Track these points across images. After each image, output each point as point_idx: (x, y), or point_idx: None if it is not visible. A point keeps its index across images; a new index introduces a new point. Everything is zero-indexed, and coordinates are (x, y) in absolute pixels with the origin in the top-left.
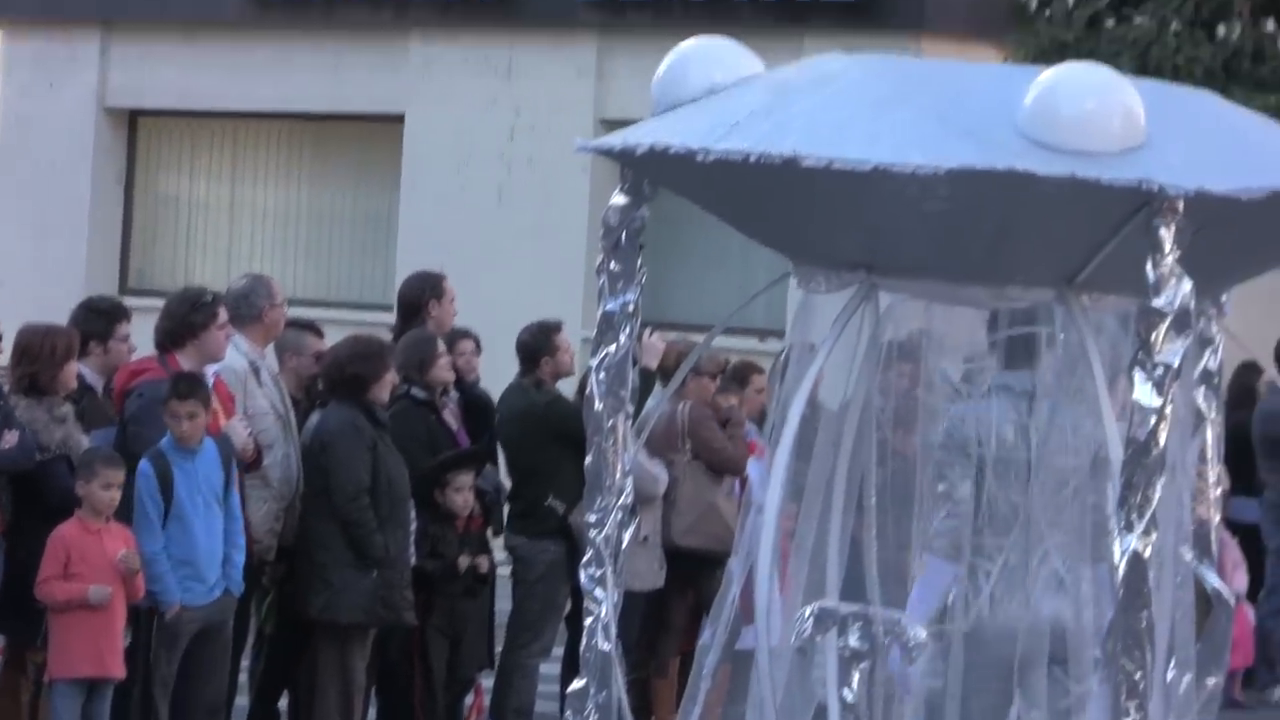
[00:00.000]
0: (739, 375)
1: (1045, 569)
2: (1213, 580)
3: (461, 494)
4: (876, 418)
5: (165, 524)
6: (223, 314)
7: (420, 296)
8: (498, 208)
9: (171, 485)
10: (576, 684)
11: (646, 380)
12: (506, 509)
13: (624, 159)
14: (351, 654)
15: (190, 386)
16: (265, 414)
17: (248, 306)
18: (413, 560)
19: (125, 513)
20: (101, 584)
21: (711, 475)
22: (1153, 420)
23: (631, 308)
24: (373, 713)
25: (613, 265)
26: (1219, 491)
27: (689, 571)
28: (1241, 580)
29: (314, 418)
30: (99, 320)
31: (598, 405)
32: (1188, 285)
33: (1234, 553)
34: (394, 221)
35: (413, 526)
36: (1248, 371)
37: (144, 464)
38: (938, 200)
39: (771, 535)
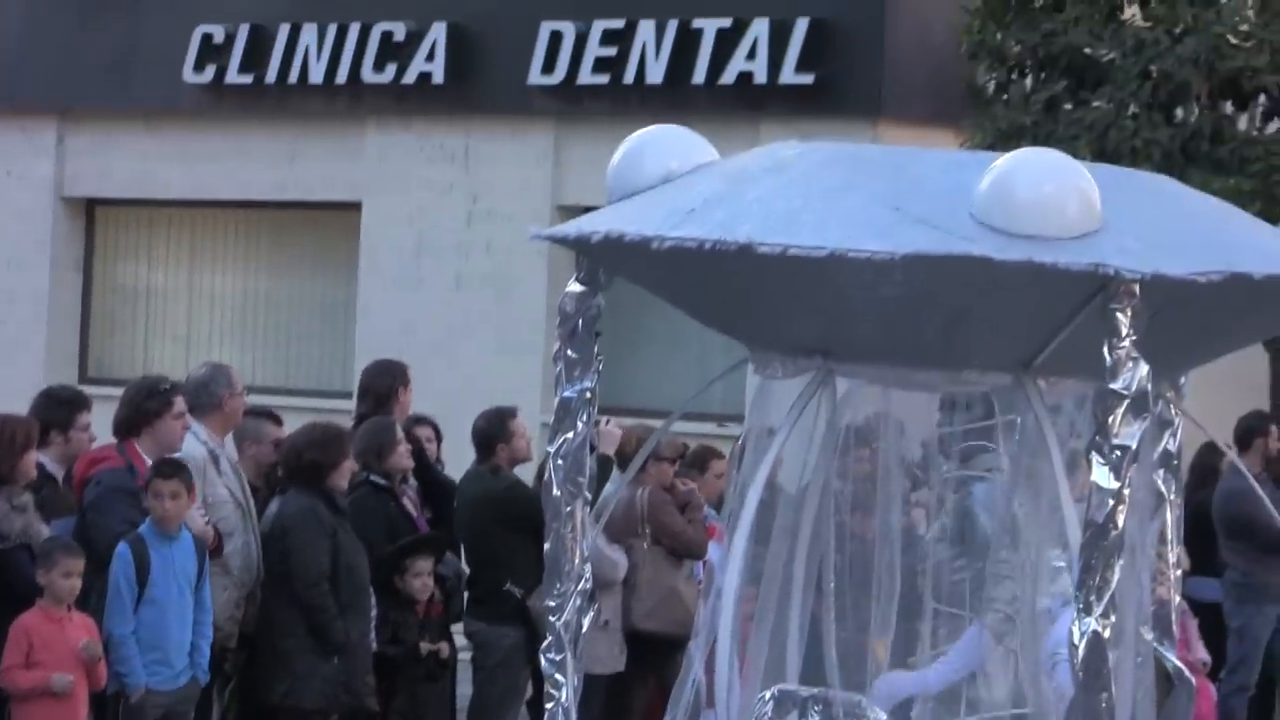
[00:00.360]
0: (698, 460)
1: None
2: (1173, 659)
3: (420, 579)
4: (835, 501)
5: (137, 608)
6: (179, 403)
7: (390, 385)
8: (455, 293)
9: (148, 569)
10: None
11: (604, 466)
12: (466, 595)
13: (579, 247)
14: None
15: (173, 467)
16: (225, 502)
17: (207, 395)
18: (374, 646)
19: (84, 600)
20: (64, 672)
21: (671, 560)
22: (1110, 502)
23: (589, 394)
24: None
25: (569, 353)
26: (1179, 572)
27: (650, 656)
28: (1202, 651)
29: (273, 505)
30: (60, 410)
31: (556, 491)
32: (1145, 368)
33: (1193, 626)
34: (352, 308)
35: (373, 613)
36: (1211, 452)
37: (122, 547)
38: (893, 286)
39: (730, 618)
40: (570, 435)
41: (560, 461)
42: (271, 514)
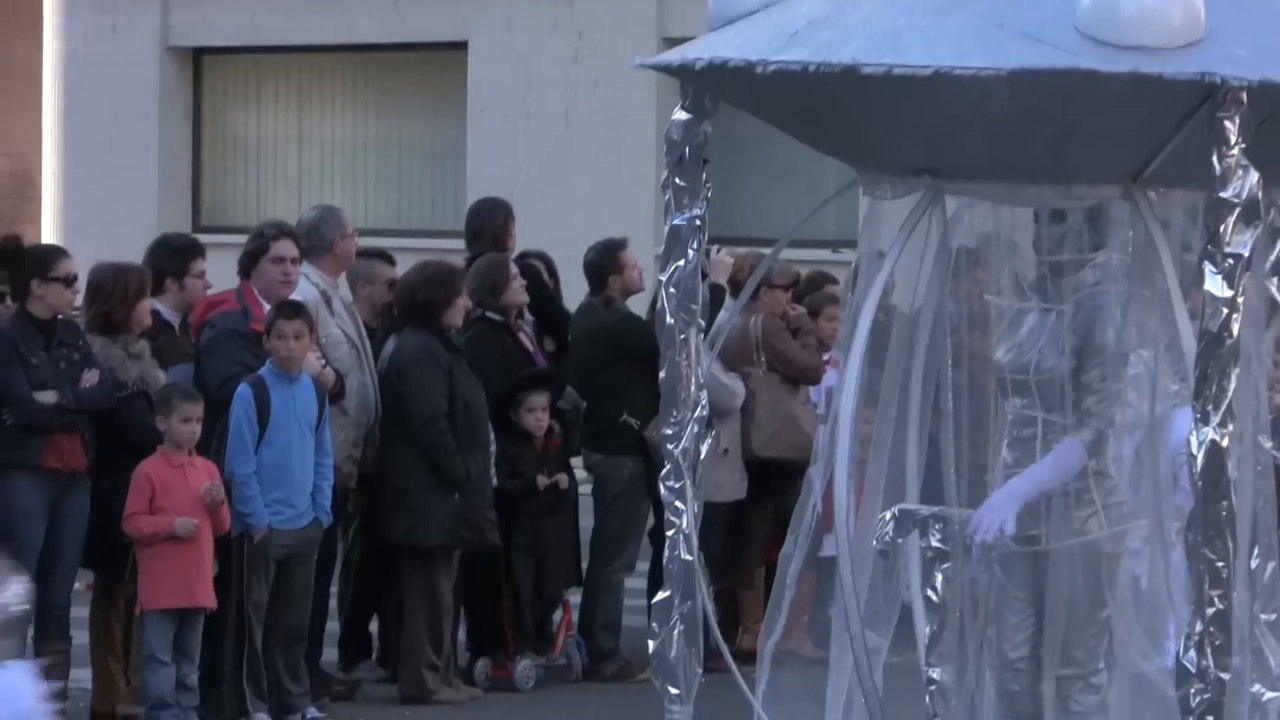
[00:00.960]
0: (813, 284)
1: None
2: None
3: (535, 414)
4: (950, 321)
5: (258, 449)
6: (276, 247)
7: (503, 221)
8: (565, 129)
9: (269, 410)
10: (661, 595)
11: (717, 296)
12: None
13: (683, 75)
14: (437, 576)
15: (295, 308)
16: (339, 343)
17: (318, 237)
18: (494, 482)
19: (204, 446)
20: (187, 517)
21: (788, 386)
22: (1224, 311)
23: (699, 221)
24: (462, 633)
25: (678, 180)
26: None
27: (770, 482)
28: None
29: (389, 345)
30: (174, 257)
31: (669, 320)
32: (1254, 176)
33: None
34: (462, 149)
35: (492, 448)
36: None
37: (243, 388)
38: (999, 102)
39: (847, 441)
40: (681, 263)
41: (672, 290)
42: (387, 354)
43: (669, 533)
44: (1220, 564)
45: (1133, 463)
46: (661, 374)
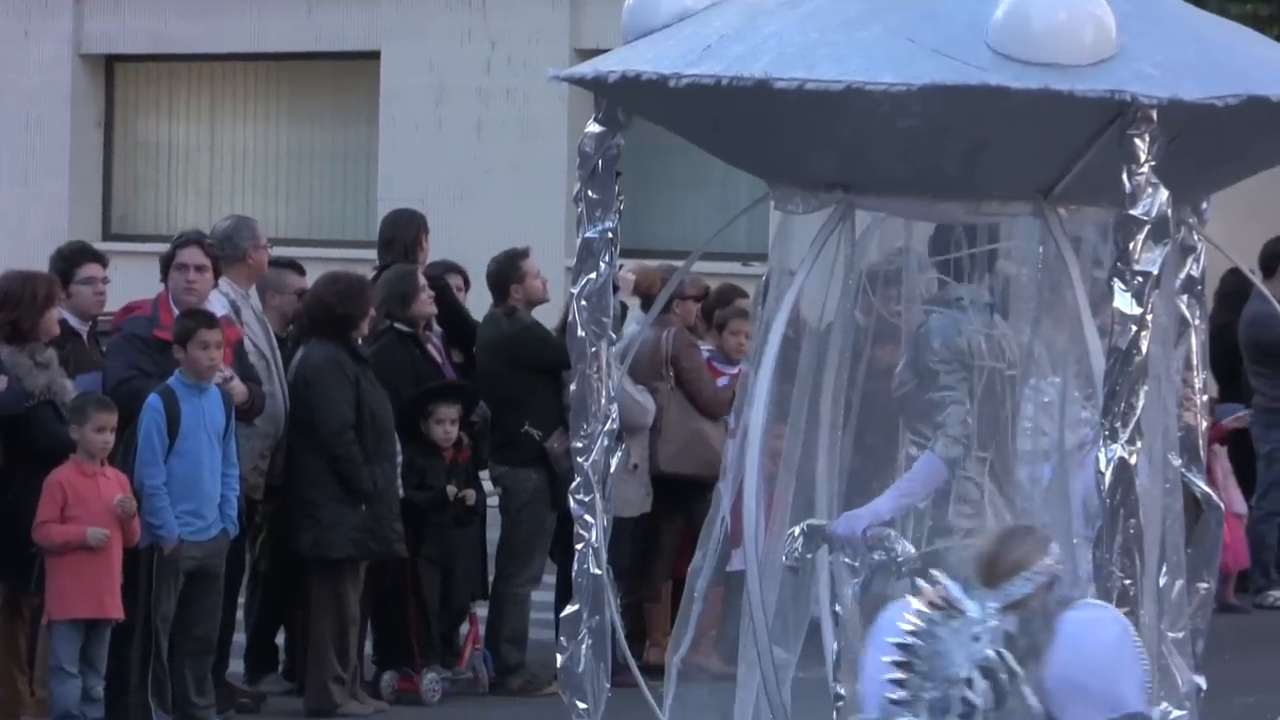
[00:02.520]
0: (722, 299)
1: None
2: (1201, 485)
3: (444, 425)
4: (858, 336)
5: (168, 459)
6: (182, 254)
7: (415, 233)
8: (476, 140)
9: (179, 421)
10: (569, 609)
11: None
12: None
13: (597, 88)
14: (344, 588)
15: (210, 318)
16: (249, 353)
17: (231, 247)
18: (400, 493)
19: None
20: (98, 527)
21: None
22: (1133, 328)
23: (611, 234)
24: (369, 645)
25: (590, 193)
26: (1205, 398)
27: (677, 497)
28: (1235, 493)
29: (297, 355)
30: (62, 264)
31: (580, 332)
32: (1164, 194)
33: (1224, 463)
34: (373, 158)
35: (398, 460)
36: (1237, 278)
37: (153, 398)
38: (911, 118)
39: (756, 456)
40: (593, 276)
41: (584, 303)
42: (294, 365)
43: (578, 546)
44: (1128, 581)
45: (1046, 487)
46: (572, 387)
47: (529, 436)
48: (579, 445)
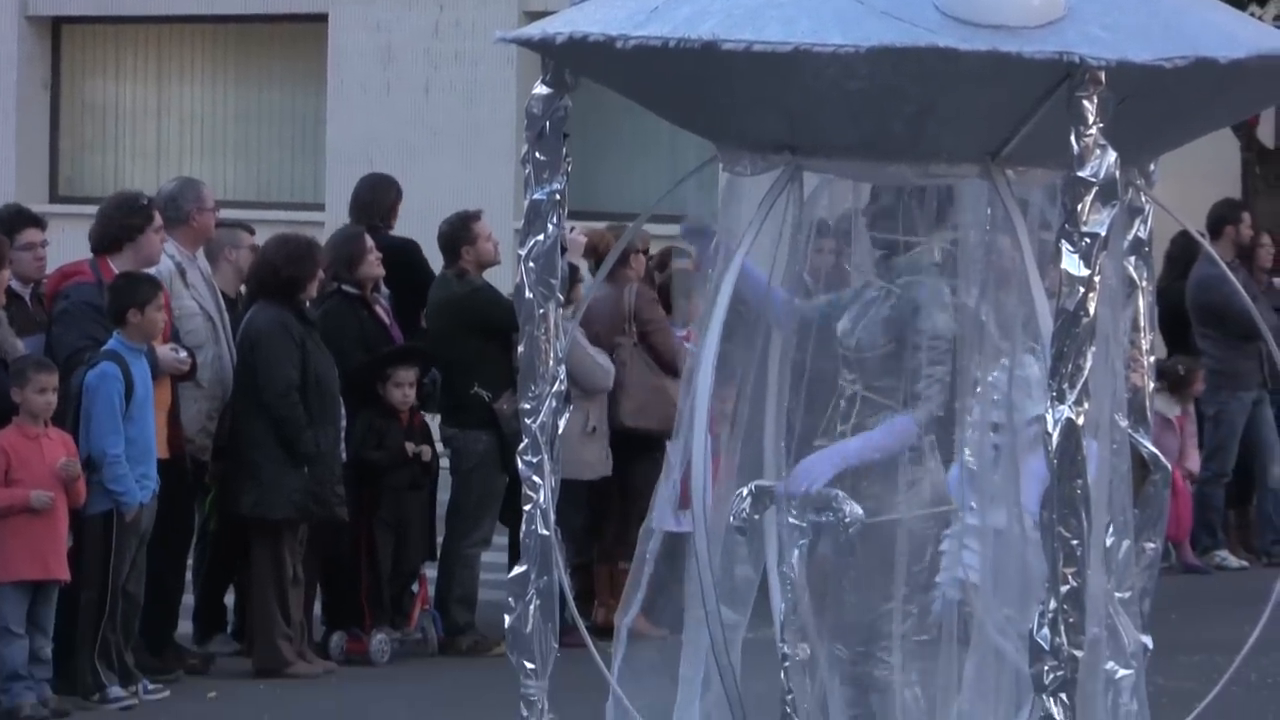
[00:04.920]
0: (664, 260)
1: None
2: (1148, 446)
3: (401, 389)
4: (806, 296)
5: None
6: (158, 218)
7: (393, 199)
8: (425, 102)
9: (132, 387)
10: (517, 569)
11: (570, 274)
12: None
13: (544, 49)
14: (283, 549)
15: (153, 280)
16: (193, 315)
17: (175, 209)
18: (343, 456)
19: (58, 417)
20: (43, 489)
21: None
22: (1081, 290)
23: (558, 196)
24: (318, 606)
25: (538, 155)
26: (1152, 359)
27: (636, 455)
28: (1195, 458)
29: (246, 317)
30: (0, 229)
31: (528, 294)
32: (1112, 156)
33: (1191, 426)
34: (321, 121)
35: (343, 423)
36: (1185, 241)
37: (109, 366)
38: (858, 80)
39: (703, 418)
40: (541, 238)
41: (531, 264)
42: (242, 327)
43: (526, 507)
44: (1075, 542)
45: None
46: (520, 348)
47: (479, 398)
48: (527, 407)
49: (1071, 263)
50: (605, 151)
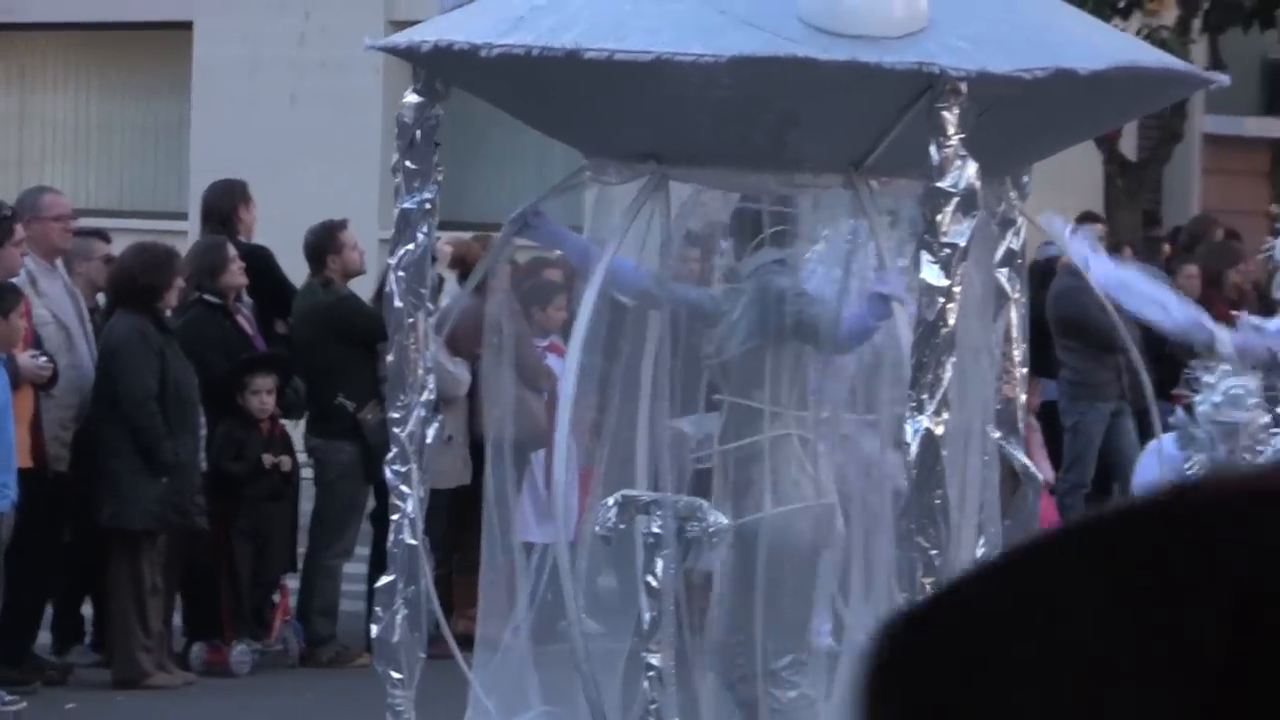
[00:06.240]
0: (531, 269)
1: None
2: (1020, 458)
3: (259, 397)
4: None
5: None
6: (20, 230)
7: (232, 204)
8: (290, 111)
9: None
10: (385, 579)
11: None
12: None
13: (412, 57)
14: (142, 560)
15: (16, 289)
16: (46, 324)
17: (30, 218)
18: (203, 466)
19: None
20: None
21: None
22: (940, 300)
23: (429, 205)
24: (178, 617)
25: (409, 164)
26: (1024, 371)
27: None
28: (1047, 468)
29: (106, 326)
30: None
31: (397, 303)
32: (972, 167)
33: (1038, 437)
34: (186, 130)
35: (202, 433)
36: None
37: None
38: (721, 89)
39: (566, 428)
40: (411, 246)
41: (401, 273)
42: (103, 336)
43: (394, 517)
44: (934, 552)
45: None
46: (389, 358)
47: (343, 408)
48: (395, 416)
49: (931, 273)
50: (474, 161)
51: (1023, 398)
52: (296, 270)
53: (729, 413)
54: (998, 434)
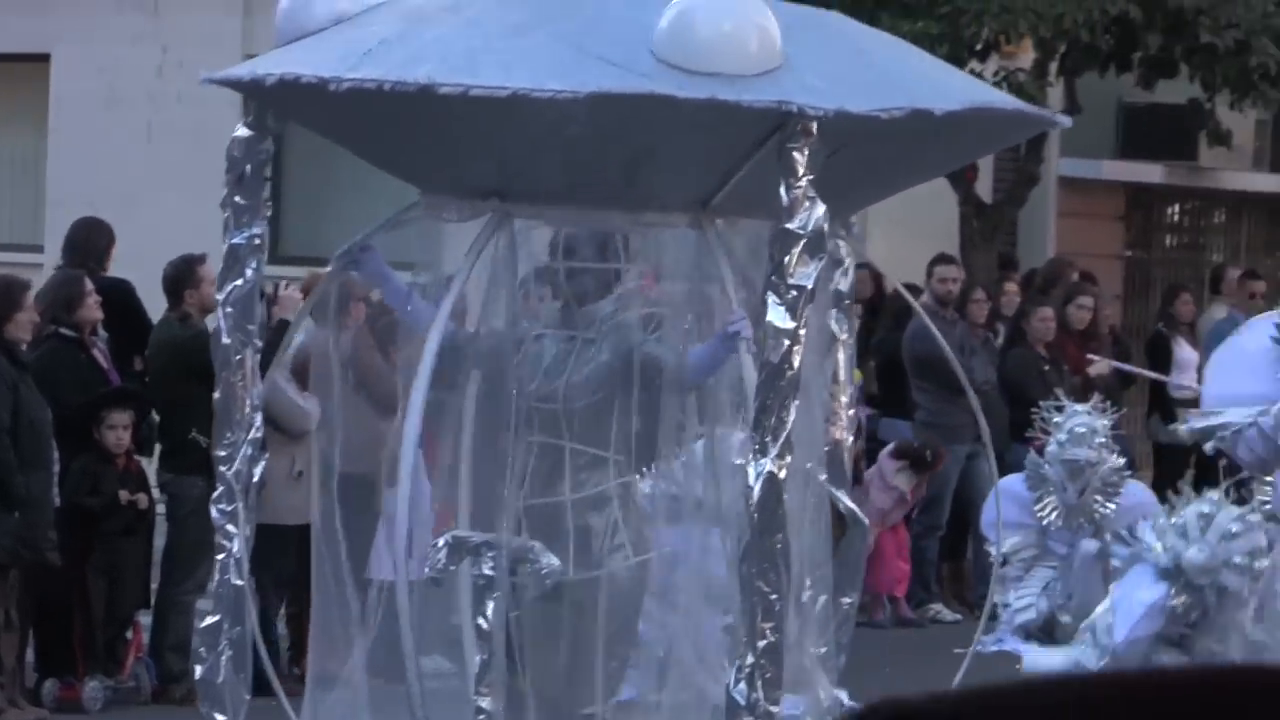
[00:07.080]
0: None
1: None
2: (846, 502)
3: (115, 432)
4: (523, 345)
5: None
6: None
7: (106, 243)
8: (147, 145)
9: None
10: (209, 619)
11: (281, 331)
12: (158, 447)
13: (254, 91)
14: None
15: None
16: None
17: None
18: (56, 501)
19: None
20: None
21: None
22: (786, 343)
23: (258, 241)
24: (30, 653)
25: (238, 199)
26: (851, 413)
27: (355, 498)
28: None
29: None
30: None
31: (225, 340)
32: (821, 209)
33: (920, 492)
34: (42, 163)
35: (56, 467)
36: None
37: None
38: (577, 126)
39: (409, 465)
40: (239, 282)
41: (229, 309)
42: None
43: (219, 557)
44: (774, 596)
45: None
46: (216, 394)
47: (195, 443)
48: (222, 454)
49: (778, 315)
50: (328, 196)
51: (849, 440)
52: (153, 303)
53: (570, 459)
54: (825, 476)
